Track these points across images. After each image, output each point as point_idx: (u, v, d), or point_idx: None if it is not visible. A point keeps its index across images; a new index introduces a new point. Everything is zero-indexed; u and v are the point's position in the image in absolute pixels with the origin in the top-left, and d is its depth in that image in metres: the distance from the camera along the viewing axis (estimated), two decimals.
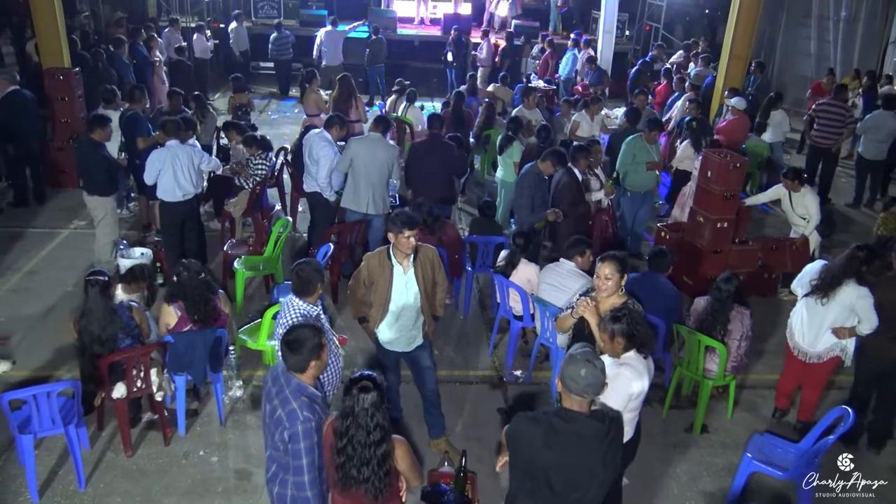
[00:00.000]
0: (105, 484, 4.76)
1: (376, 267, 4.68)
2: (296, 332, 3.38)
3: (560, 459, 3.09)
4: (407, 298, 4.69)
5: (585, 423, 3.10)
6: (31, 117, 8.85)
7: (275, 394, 3.38)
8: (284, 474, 3.43)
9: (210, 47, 14.54)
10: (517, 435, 3.20)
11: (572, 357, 3.12)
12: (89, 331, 4.69)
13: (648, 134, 8.18)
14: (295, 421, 3.24)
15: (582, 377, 3.04)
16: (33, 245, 8.07)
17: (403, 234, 4.51)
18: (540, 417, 3.19)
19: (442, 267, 4.90)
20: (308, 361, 3.35)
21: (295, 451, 3.27)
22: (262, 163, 8.17)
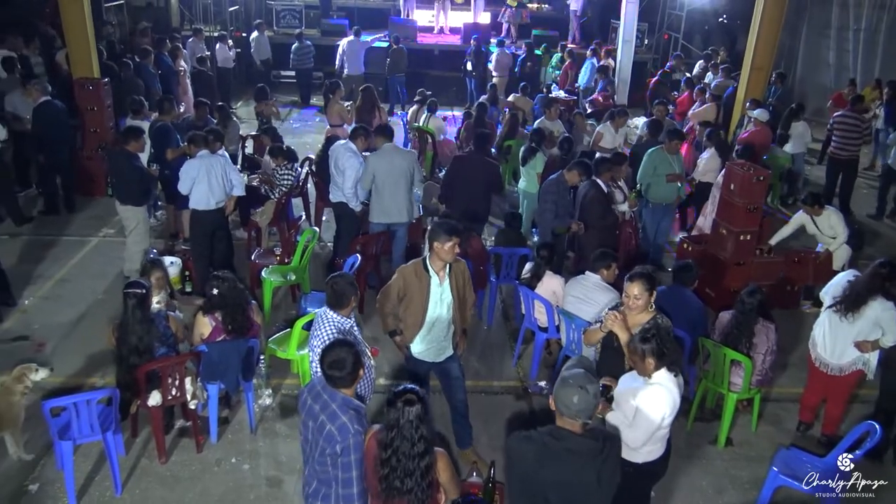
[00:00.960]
0: (140, 490, 4.87)
1: (413, 278, 4.75)
2: (335, 351, 3.44)
3: (555, 477, 3.11)
4: (441, 309, 4.77)
5: (578, 442, 3.12)
6: (62, 127, 9.04)
7: (319, 409, 3.43)
8: (328, 489, 3.49)
9: (232, 56, 14.71)
10: (512, 453, 3.24)
11: (565, 381, 3.13)
12: (127, 342, 4.80)
13: (669, 144, 8.22)
14: (346, 434, 3.31)
15: (574, 404, 3.07)
16: (64, 253, 8.23)
17: (446, 242, 4.58)
18: (534, 436, 3.20)
19: (471, 283, 4.99)
20: (351, 379, 3.43)
21: (345, 464, 3.35)
22: (288, 173, 8.30)
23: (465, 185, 7.37)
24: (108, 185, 9.87)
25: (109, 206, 9.52)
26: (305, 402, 3.57)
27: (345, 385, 3.45)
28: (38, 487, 4.82)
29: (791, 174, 10.63)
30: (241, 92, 15.75)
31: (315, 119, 14.68)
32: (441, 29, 18.47)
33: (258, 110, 10.67)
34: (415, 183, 7.40)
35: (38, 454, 5.09)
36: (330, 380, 3.44)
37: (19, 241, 8.43)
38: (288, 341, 5.77)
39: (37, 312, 6.99)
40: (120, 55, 12.53)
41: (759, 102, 10.32)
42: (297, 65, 15.31)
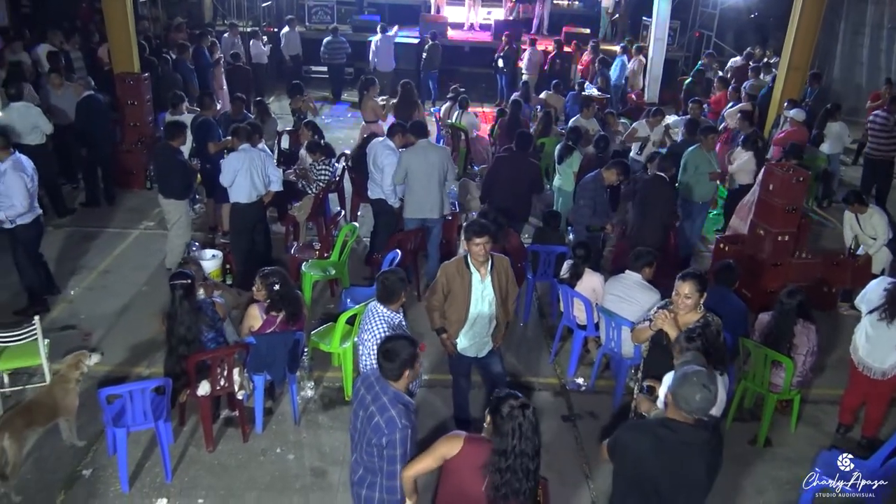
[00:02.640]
0: (189, 477, 4.99)
1: (454, 274, 4.83)
2: (393, 342, 3.53)
3: (668, 468, 3.19)
4: (483, 306, 4.85)
5: (691, 433, 3.20)
6: (105, 121, 9.20)
7: (370, 400, 3.51)
8: (373, 477, 3.57)
9: (266, 52, 14.86)
10: (623, 445, 3.32)
11: (687, 379, 3.18)
12: (176, 332, 4.91)
13: (706, 141, 8.22)
14: (394, 428, 3.38)
15: (696, 401, 3.14)
16: (107, 244, 8.40)
17: (474, 242, 4.69)
18: (645, 427, 3.32)
19: (513, 277, 5.06)
20: (402, 370, 3.49)
21: (390, 457, 3.42)
22: (325, 168, 8.39)
23: (507, 185, 7.40)
24: (147, 179, 10.08)
25: (148, 199, 9.76)
26: (358, 391, 3.65)
27: (393, 377, 3.51)
28: (92, 472, 4.96)
29: (826, 175, 10.55)
30: (273, 87, 15.89)
31: (347, 115, 14.78)
32: (472, 25, 18.48)
33: (293, 106, 10.75)
34: (449, 179, 7.46)
35: (89, 441, 5.22)
36: (381, 369, 3.52)
37: (63, 233, 8.61)
38: (331, 335, 5.86)
39: (82, 303, 7.15)
40: (156, 50, 12.70)
41: (796, 102, 10.25)
42: (329, 60, 15.41)
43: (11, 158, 6.28)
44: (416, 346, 3.57)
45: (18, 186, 6.21)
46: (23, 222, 6.40)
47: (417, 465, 3.45)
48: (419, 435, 5.06)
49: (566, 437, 5.59)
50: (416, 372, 3.59)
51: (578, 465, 5.31)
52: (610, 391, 6.11)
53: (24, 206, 6.29)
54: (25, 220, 6.41)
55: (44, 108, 8.68)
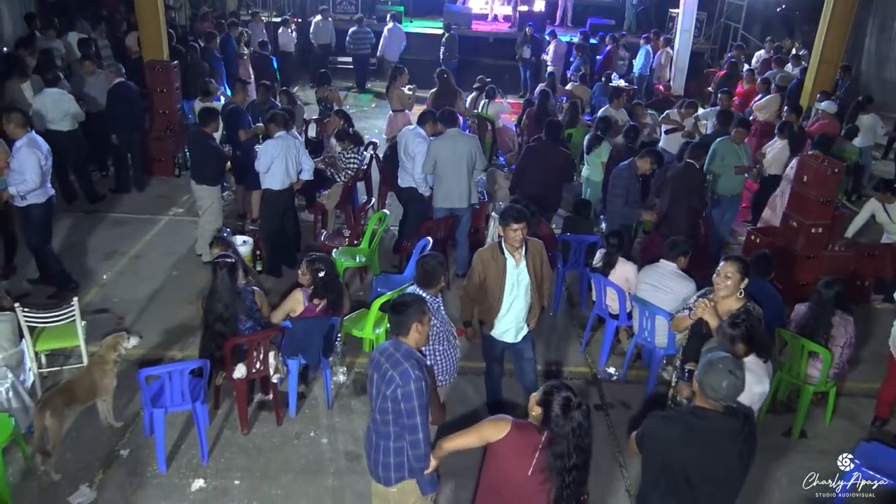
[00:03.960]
0: (225, 459, 5.03)
1: (489, 260, 4.84)
2: (401, 297, 3.65)
3: (699, 456, 3.18)
4: (519, 290, 4.85)
5: (721, 420, 3.19)
6: (135, 108, 9.25)
7: (384, 360, 3.54)
8: (385, 442, 3.58)
9: (294, 40, 14.89)
10: (653, 435, 3.30)
11: (713, 366, 3.17)
12: (214, 309, 4.95)
13: (736, 134, 8.14)
14: (408, 379, 3.40)
15: (723, 388, 3.12)
16: (137, 230, 8.46)
17: (511, 227, 4.68)
18: (674, 416, 3.30)
19: (547, 261, 5.05)
20: (411, 322, 3.54)
21: (409, 410, 3.42)
22: (354, 157, 8.41)
23: (537, 174, 7.37)
24: (176, 166, 10.15)
25: (176, 186, 9.84)
26: (374, 357, 3.67)
27: (403, 331, 3.57)
28: (129, 452, 5.01)
29: (857, 168, 10.42)
30: (298, 76, 15.93)
31: (371, 105, 14.79)
32: (495, 16, 18.40)
33: (320, 95, 10.77)
34: (477, 168, 7.44)
35: (126, 422, 5.28)
36: (391, 324, 3.64)
37: (94, 218, 8.69)
38: (363, 321, 5.88)
39: (115, 287, 7.22)
40: (182, 39, 12.76)
41: (828, 94, 10.13)
42: (354, 50, 15.42)
43: (27, 136, 6.34)
44: (425, 303, 3.65)
45: (32, 163, 6.27)
46: (35, 201, 6.45)
47: (459, 439, 3.44)
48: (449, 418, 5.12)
49: (599, 427, 5.56)
50: (425, 330, 3.61)
51: (611, 454, 5.30)
52: (641, 381, 6.09)
53: (36, 183, 6.34)
54: (38, 198, 6.46)
55: (75, 96, 8.75)
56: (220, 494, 4.72)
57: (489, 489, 3.42)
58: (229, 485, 4.80)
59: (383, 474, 3.63)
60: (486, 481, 3.43)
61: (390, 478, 3.62)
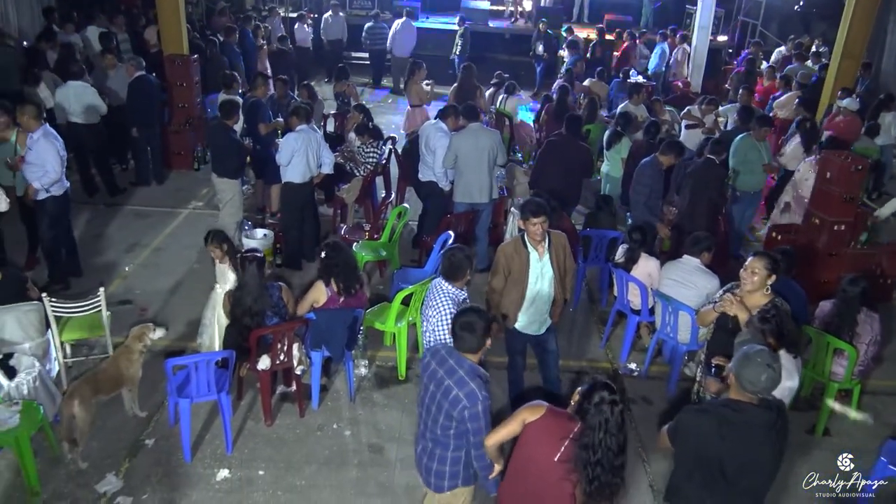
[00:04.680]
0: (249, 450, 5.05)
1: (512, 254, 4.85)
2: (469, 315, 3.51)
3: (734, 449, 3.18)
4: (542, 283, 4.85)
5: (756, 413, 3.20)
6: (155, 102, 9.29)
7: (444, 374, 3.50)
8: (443, 451, 3.60)
9: (310, 35, 14.92)
10: (687, 428, 3.30)
11: (750, 359, 3.18)
12: (242, 303, 4.98)
13: (758, 132, 8.09)
14: (475, 401, 3.38)
15: (762, 381, 3.14)
16: (158, 223, 8.51)
17: (531, 221, 4.69)
18: (709, 409, 3.30)
19: (571, 253, 5.04)
20: (483, 342, 3.50)
21: (475, 429, 3.43)
22: (374, 151, 8.42)
23: (558, 168, 7.34)
24: (195, 160, 10.20)
25: (196, 179, 9.90)
26: (428, 365, 3.64)
27: (471, 350, 3.51)
28: (154, 442, 5.05)
29: (878, 166, 10.34)
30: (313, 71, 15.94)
31: (387, 100, 14.79)
32: (511, 13, 18.35)
33: (338, 90, 10.79)
34: (499, 163, 7.43)
35: (150, 412, 5.32)
36: (459, 340, 3.51)
37: (115, 211, 8.76)
38: (385, 314, 5.89)
39: (137, 279, 7.27)
40: (200, 34, 12.81)
41: (849, 91, 10.05)
42: (370, 45, 15.43)
43: (42, 128, 6.37)
44: (490, 318, 3.56)
45: (51, 153, 6.30)
46: (54, 193, 6.49)
47: (500, 432, 3.45)
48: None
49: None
50: (488, 345, 3.58)
51: (634, 449, 5.28)
52: (662, 377, 6.07)
53: (58, 173, 6.37)
54: (56, 191, 6.50)
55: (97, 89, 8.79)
56: (245, 484, 4.75)
57: (516, 472, 3.45)
58: (254, 475, 4.83)
59: (436, 482, 3.65)
60: (514, 463, 3.46)
61: (443, 486, 3.65)
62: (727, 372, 3.34)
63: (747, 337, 3.82)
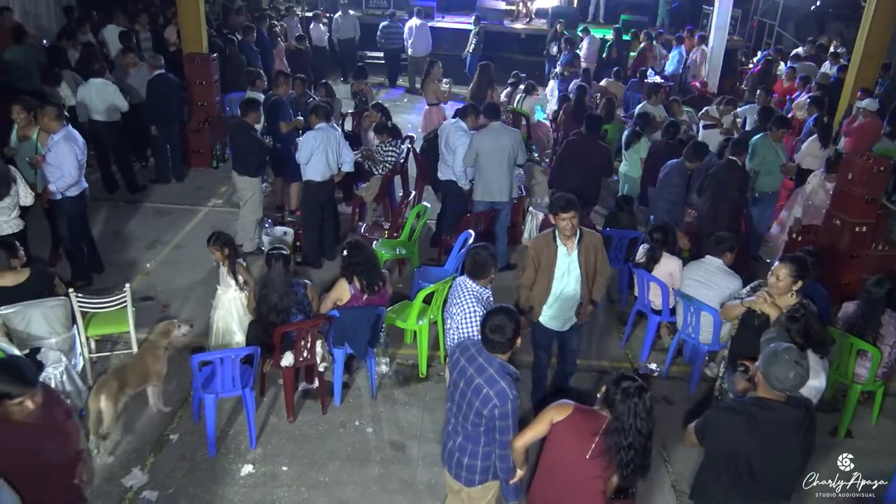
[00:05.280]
0: (272, 445, 5.09)
1: (543, 248, 4.89)
2: (500, 316, 3.50)
3: (762, 447, 3.19)
4: (568, 280, 4.88)
5: (785, 411, 3.22)
6: (174, 100, 9.34)
7: (474, 372, 3.52)
8: (474, 446, 3.61)
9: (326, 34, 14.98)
10: (716, 426, 3.32)
11: (778, 357, 3.20)
12: (268, 300, 5.02)
13: (776, 133, 8.07)
14: (505, 399, 3.40)
15: (790, 379, 3.16)
16: (178, 220, 8.58)
17: (560, 216, 4.72)
18: (737, 408, 3.31)
19: (605, 255, 5.06)
20: (511, 344, 3.51)
21: (503, 428, 3.45)
22: (392, 150, 8.44)
23: (578, 168, 7.35)
24: (214, 158, 10.26)
25: (214, 177, 9.96)
26: (458, 361, 3.65)
27: (503, 350, 3.52)
28: (178, 437, 5.09)
29: None
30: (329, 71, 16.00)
31: (403, 100, 14.83)
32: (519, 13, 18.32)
33: (356, 88, 10.83)
34: (519, 162, 7.45)
35: (174, 407, 5.36)
36: (489, 343, 3.51)
37: (135, 208, 8.83)
38: (406, 312, 5.91)
39: (158, 275, 7.32)
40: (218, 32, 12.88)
41: (869, 92, 9.99)
42: (385, 45, 15.46)
43: (64, 130, 6.42)
44: (519, 319, 3.57)
45: (69, 157, 6.35)
46: (70, 194, 6.54)
47: (526, 434, 3.47)
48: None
49: None
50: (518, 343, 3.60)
51: (656, 449, 5.25)
52: (683, 377, 6.07)
53: (74, 177, 6.42)
54: (73, 192, 6.55)
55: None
56: (269, 480, 4.78)
57: (545, 471, 3.46)
58: (277, 471, 4.86)
59: (467, 476, 3.67)
60: (543, 463, 3.47)
61: (474, 479, 3.66)
62: (754, 370, 3.34)
63: (773, 335, 3.83)
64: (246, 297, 5.50)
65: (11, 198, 5.85)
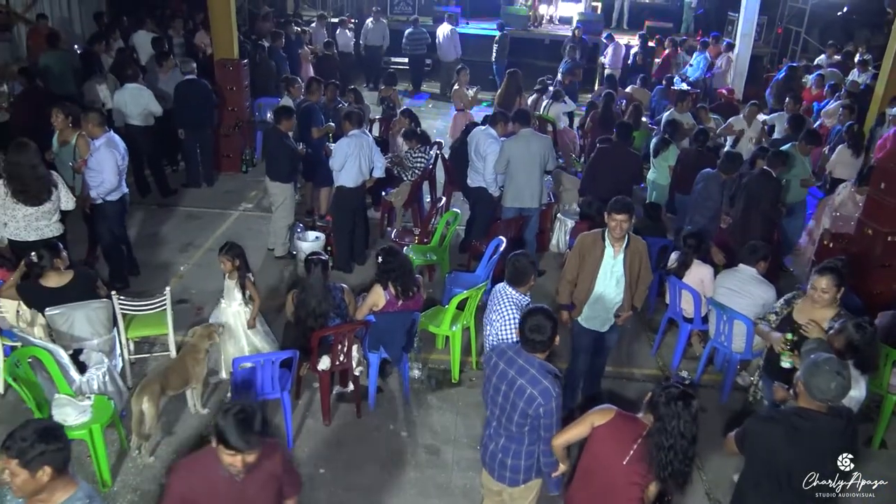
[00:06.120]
0: (309, 448, 5.16)
1: (590, 245, 4.96)
2: (536, 317, 3.58)
3: (802, 456, 3.21)
4: (610, 282, 4.94)
5: (826, 421, 3.24)
6: (204, 105, 9.45)
7: (514, 373, 3.58)
8: (518, 446, 3.68)
9: (352, 40, 15.10)
10: (756, 435, 3.34)
11: (819, 368, 3.22)
12: (307, 304, 5.09)
13: (804, 146, 8.05)
14: (549, 398, 3.47)
15: (831, 389, 3.18)
16: (209, 224, 8.70)
17: (613, 217, 4.80)
18: (778, 417, 3.33)
19: (648, 263, 5.11)
20: (550, 343, 3.58)
21: (547, 425, 3.52)
22: (421, 156, 8.51)
23: (609, 176, 7.37)
24: (243, 162, 10.39)
25: (244, 181, 10.10)
26: (496, 365, 3.71)
27: (542, 349, 3.60)
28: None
29: None
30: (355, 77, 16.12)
31: (428, 105, 14.91)
32: (550, 18, 18.37)
33: (384, 94, 10.93)
34: (549, 168, 7.49)
35: (211, 409, 5.45)
36: (529, 343, 3.58)
37: (168, 212, 8.96)
38: (439, 317, 5.97)
39: (192, 278, 7.43)
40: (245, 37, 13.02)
41: None
42: (410, 51, 15.55)
43: (106, 136, 6.55)
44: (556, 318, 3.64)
45: (110, 162, 6.48)
46: (111, 199, 6.67)
47: (568, 433, 3.53)
48: None
49: None
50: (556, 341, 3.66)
51: None
52: (714, 385, 6.08)
53: (113, 183, 6.55)
54: (113, 196, 6.68)
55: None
56: (308, 482, 4.81)
57: (583, 474, 3.51)
58: (315, 473, 4.93)
59: (511, 476, 3.73)
60: (582, 465, 3.52)
61: (518, 479, 3.73)
62: (799, 382, 3.36)
63: (814, 346, 3.84)
64: (249, 313, 5.51)
65: (53, 202, 5.96)
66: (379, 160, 7.46)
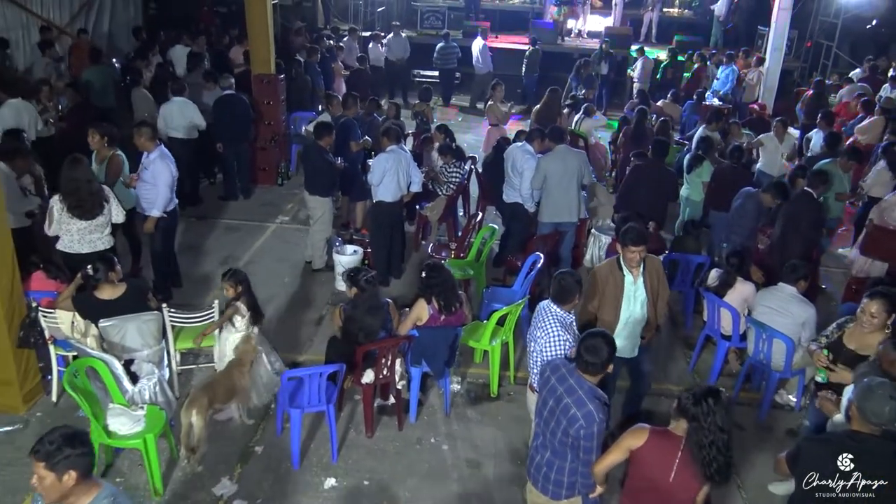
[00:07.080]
0: (353, 460, 5.25)
1: (607, 276, 5.00)
2: (595, 339, 3.66)
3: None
4: (635, 307, 4.98)
5: (879, 444, 3.27)
6: (242, 119, 9.63)
7: (563, 392, 3.66)
8: (561, 461, 3.74)
9: (384, 55, 15.29)
10: (808, 456, 3.37)
11: (873, 392, 3.27)
12: (358, 319, 5.20)
13: (845, 163, 8.06)
14: (592, 422, 3.53)
15: (886, 413, 3.23)
16: (247, 236, 8.86)
17: (630, 249, 4.85)
18: (831, 439, 3.37)
19: (665, 279, 5.17)
20: (604, 368, 3.64)
21: (587, 448, 3.59)
22: (457, 171, 8.62)
23: (644, 192, 7.44)
24: (279, 175, 10.56)
25: (280, 194, 10.26)
26: (548, 380, 3.80)
27: (594, 372, 3.66)
28: (263, 449, 5.29)
29: None
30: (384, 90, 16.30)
31: (458, 118, 15.04)
32: (579, 32, 18.46)
33: (418, 109, 11.07)
34: (585, 183, 7.57)
35: (256, 420, 5.57)
36: (582, 363, 3.65)
37: (206, 224, 9.14)
38: (479, 332, 6.05)
39: None
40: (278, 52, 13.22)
41: None
42: (441, 64, 15.70)
43: (159, 149, 6.72)
44: (615, 345, 3.69)
45: (165, 174, 6.64)
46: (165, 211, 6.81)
47: (606, 459, 3.60)
48: None
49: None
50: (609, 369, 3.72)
51: None
52: (752, 403, 6.09)
53: (169, 196, 6.71)
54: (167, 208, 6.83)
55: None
56: (352, 493, 4.94)
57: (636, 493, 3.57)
58: (359, 484, 5.02)
59: (553, 489, 3.79)
60: (630, 486, 3.59)
61: (560, 493, 3.79)
62: (852, 405, 3.40)
63: (866, 369, 3.87)
64: (241, 339, 5.41)
65: (105, 216, 6.13)
66: (416, 175, 7.58)
